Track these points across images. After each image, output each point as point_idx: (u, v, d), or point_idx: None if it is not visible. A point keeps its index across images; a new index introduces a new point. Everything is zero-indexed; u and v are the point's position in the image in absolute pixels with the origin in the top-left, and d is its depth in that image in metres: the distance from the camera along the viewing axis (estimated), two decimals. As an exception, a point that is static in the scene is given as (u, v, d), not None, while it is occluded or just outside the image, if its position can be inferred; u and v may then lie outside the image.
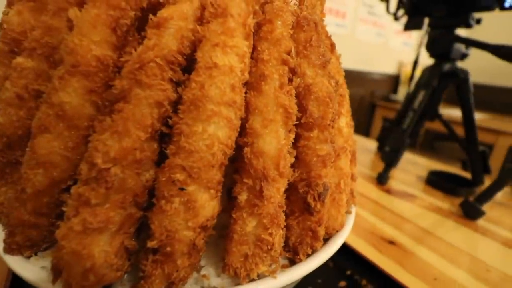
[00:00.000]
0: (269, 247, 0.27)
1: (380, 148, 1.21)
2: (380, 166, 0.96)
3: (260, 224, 0.27)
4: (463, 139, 0.94)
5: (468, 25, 0.87)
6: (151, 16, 0.25)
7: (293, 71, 0.27)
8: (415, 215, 0.77)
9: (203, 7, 0.26)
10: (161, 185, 0.24)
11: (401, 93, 2.93)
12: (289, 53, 0.27)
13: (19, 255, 0.29)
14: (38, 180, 0.26)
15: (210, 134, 0.23)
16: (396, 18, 1.12)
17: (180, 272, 0.26)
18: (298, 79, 0.28)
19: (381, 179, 0.92)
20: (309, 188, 0.30)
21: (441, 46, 0.91)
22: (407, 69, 2.96)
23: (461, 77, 0.90)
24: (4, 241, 0.29)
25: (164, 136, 0.26)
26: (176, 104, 0.25)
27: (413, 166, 1.14)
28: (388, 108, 2.77)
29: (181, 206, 0.24)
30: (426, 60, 1.00)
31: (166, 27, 0.24)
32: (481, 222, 0.76)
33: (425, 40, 0.97)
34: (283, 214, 0.28)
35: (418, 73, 1.48)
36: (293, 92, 0.27)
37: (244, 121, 0.27)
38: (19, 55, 0.28)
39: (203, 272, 0.29)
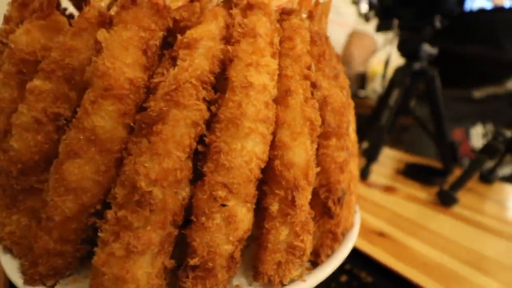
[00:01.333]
0: (301, 253, 0.29)
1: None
2: (359, 161, 1.02)
3: (292, 232, 0.28)
4: (433, 132, 1.02)
5: (434, 27, 0.95)
6: (179, 36, 0.26)
7: (313, 85, 0.29)
8: (398, 207, 0.83)
9: (227, 26, 0.27)
10: (201, 202, 0.25)
11: (370, 89, 3.09)
12: (309, 68, 0.29)
13: (41, 285, 0.28)
14: (67, 206, 0.25)
15: (248, 151, 0.25)
16: (367, 20, 1.19)
17: (219, 286, 0.27)
18: (319, 92, 0.30)
19: (364, 174, 0.98)
20: (329, 194, 0.32)
21: (411, 46, 0.99)
22: (373, 66, 3.12)
23: (430, 75, 0.98)
24: (25, 272, 0.28)
25: (197, 154, 0.26)
26: (208, 122, 0.26)
27: (389, 159, 1.21)
28: (358, 104, 2.91)
29: (222, 222, 0.25)
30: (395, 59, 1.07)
31: (196, 47, 0.25)
32: (456, 208, 0.84)
33: (395, 40, 1.05)
34: (312, 220, 0.30)
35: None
36: (316, 105, 0.29)
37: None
38: (34, 77, 0.27)
39: (235, 282, 0.30)
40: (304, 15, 0.31)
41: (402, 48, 1.00)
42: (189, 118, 0.24)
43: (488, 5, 0.88)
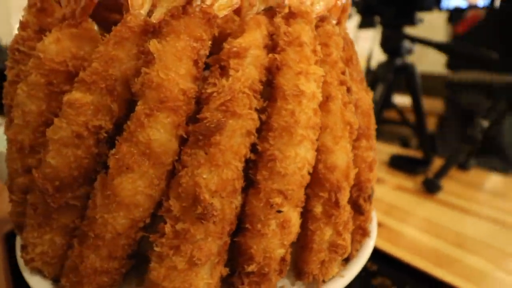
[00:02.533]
0: (343, 251, 0.30)
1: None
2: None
3: (335, 231, 0.30)
4: (413, 123, 1.09)
5: (413, 24, 1.00)
6: (227, 45, 0.26)
7: (349, 90, 0.31)
8: (389, 197, 0.89)
9: (269, 34, 0.28)
10: (257, 210, 0.26)
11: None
12: (344, 73, 0.31)
13: (85, 305, 0.27)
14: (118, 223, 0.25)
15: (301, 157, 0.26)
16: (349, 16, 1.22)
17: (271, 288, 0.28)
18: (353, 96, 0.31)
19: (354, 167, 1.02)
20: (360, 192, 0.34)
21: (393, 43, 1.04)
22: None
23: (410, 70, 1.04)
24: (68, 293, 0.27)
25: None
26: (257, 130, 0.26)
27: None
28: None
29: (277, 228, 0.26)
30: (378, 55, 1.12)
31: (245, 56, 0.25)
32: (440, 195, 0.91)
33: (378, 36, 1.09)
34: (351, 219, 0.32)
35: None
36: (353, 109, 0.30)
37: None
38: (72, 89, 0.25)
39: (279, 284, 0.31)
40: (334, 21, 0.32)
41: (385, 45, 1.05)
42: (244, 128, 0.25)
43: (464, 4, 0.94)
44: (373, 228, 0.41)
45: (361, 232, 0.36)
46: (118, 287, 0.29)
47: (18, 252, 0.34)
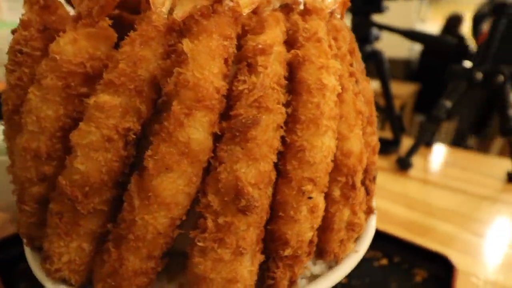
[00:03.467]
0: (359, 229, 0.34)
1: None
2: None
3: (352, 211, 0.33)
4: (383, 107, 1.17)
5: (381, 11, 1.06)
6: (251, 43, 0.27)
7: (357, 81, 0.33)
8: (368, 177, 0.95)
9: (287, 30, 0.29)
10: (289, 197, 0.27)
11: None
12: (351, 65, 0.33)
13: (124, 307, 0.28)
14: (159, 223, 0.25)
15: (326, 146, 0.28)
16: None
17: (301, 270, 0.30)
18: (360, 86, 0.34)
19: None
20: (366, 174, 0.37)
21: (362, 30, 1.09)
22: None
23: (379, 57, 1.11)
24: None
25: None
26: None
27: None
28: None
29: (307, 213, 0.28)
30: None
31: (271, 53, 0.27)
32: (412, 171, 1.00)
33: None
34: (365, 198, 0.35)
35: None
36: (362, 98, 0.33)
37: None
38: (99, 92, 0.25)
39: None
40: (338, 16, 0.34)
41: (355, 32, 1.10)
42: (275, 122, 0.26)
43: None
44: (374, 205, 0.45)
45: (368, 210, 0.39)
46: (153, 286, 0.29)
47: (33, 264, 0.33)
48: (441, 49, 0.96)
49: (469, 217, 0.80)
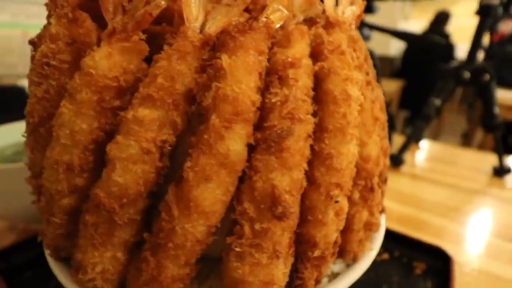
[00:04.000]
0: (377, 228, 0.36)
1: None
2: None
3: (370, 212, 0.35)
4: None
5: (372, 12, 1.09)
6: (280, 56, 0.28)
7: (373, 89, 0.35)
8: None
9: (311, 42, 0.31)
10: (318, 202, 0.29)
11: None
12: (368, 74, 0.35)
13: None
14: (198, 231, 0.26)
15: (352, 153, 0.30)
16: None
17: (326, 269, 0.32)
18: (375, 93, 0.36)
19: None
20: (380, 175, 0.40)
21: (354, 30, 1.12)
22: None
23: (371, 55, 1.14)
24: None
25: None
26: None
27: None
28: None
29: (334, 216, 0.30)
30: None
31: (300, 66, 0.28)
32: (404, 167, 1.04)
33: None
34: (381, 199, 0.37)
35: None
36: (378, 105, 0.35)
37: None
38: (137, 106, 0.26)
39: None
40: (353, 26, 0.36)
41: (347, 32, 1.13)
42: (306, 132, 0.28)
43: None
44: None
45: (380, 209, 0.42)
46: (186, 292, 0.30)
47: (60, 274, 0.33)
48: (430, 48, 1.00)
49: (460, 210, 0.85)
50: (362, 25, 1.11)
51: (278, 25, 0.28)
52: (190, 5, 0.26)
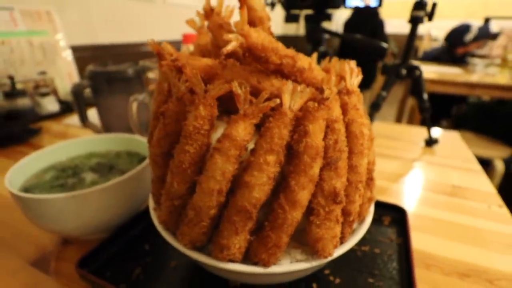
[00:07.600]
0: (373, 201, 0.67)
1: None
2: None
3: (371, 192, 0.65)
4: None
5: (330, 19, 1.39)
6: (330, 116, 0.55)
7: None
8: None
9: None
10: (351, 191, 0.58)
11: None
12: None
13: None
14: (298, 216, 0.53)
15: (365, 163, 0.58)
16: (273, 7, 1.52)
17: (353, 227, 0.62)
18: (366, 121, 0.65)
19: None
20: (369, 174, 0.70)
21: (315, 36, 1.41)
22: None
23: (330, 55, 1.45)
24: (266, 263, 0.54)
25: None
26: (343, 154, 0.58)
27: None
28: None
29: (358, 197, 0.59)
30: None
31: (339, 121, 0.55)
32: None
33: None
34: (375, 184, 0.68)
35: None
36: (370, 127, 0.64)
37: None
38: (252, 152, 0.50)
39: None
40: (354, 83, 0.64)
41: (309, 38, 1.42)
42: (345, 156, 0.55)
43: (361, 4, 1.37)
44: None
45: (369, 201, 0.72)
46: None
47: (203, 258, 0.57)
48: (373, 50, 1.33)
49: (404, 175, 1.24)
50: (322, 31, 1.40)
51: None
52: (286, 95, 0.51)
